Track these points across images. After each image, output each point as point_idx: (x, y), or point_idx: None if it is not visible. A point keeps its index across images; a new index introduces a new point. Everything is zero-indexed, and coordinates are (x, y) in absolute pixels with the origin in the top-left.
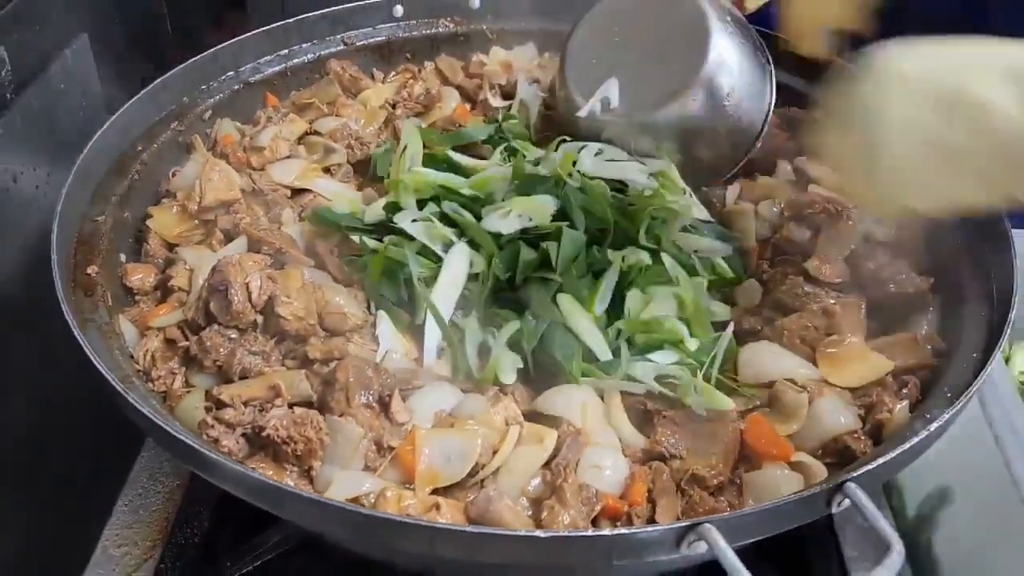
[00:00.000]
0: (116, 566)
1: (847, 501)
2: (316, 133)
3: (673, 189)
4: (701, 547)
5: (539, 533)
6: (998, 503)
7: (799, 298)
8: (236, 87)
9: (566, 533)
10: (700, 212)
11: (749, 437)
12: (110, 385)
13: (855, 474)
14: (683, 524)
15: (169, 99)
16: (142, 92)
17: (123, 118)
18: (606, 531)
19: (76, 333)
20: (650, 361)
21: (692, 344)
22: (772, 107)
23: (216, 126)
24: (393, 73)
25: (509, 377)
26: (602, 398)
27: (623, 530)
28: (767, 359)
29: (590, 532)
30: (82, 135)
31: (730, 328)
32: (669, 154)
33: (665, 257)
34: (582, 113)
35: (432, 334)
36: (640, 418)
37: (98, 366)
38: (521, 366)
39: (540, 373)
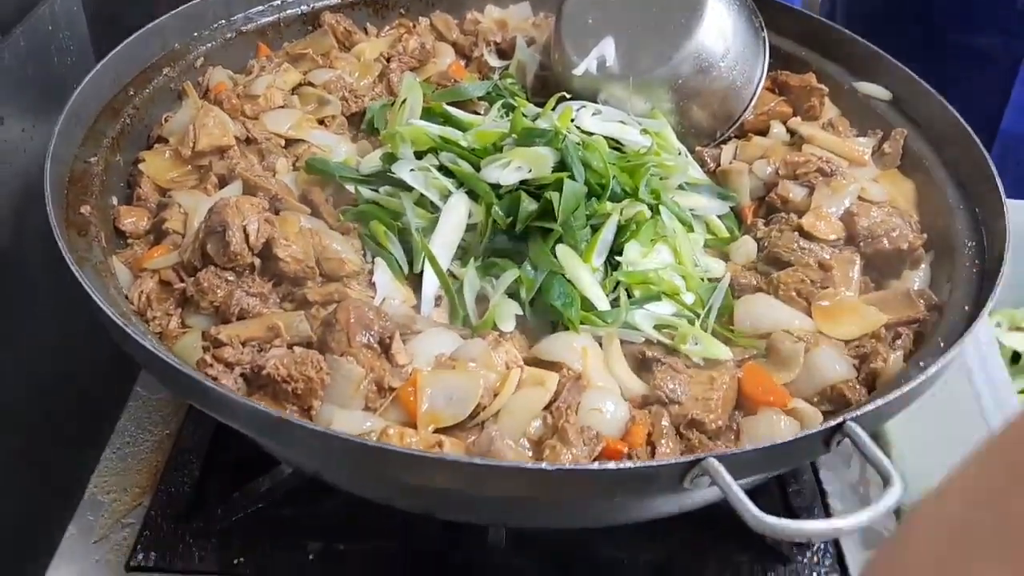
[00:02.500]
0: (105, 512)
1: (846, 440)
2: (310, 84)
3: (669, 149)
4: (704, 483)
5: (545, 465)
6: (964, 437)
7: (794, 253)
8: (229, 35)
9: (571, 466)
10: (695, 171)
11: (746, 385)
12: (109, 319)
13: (855, 414)
14: (688, 459)
15: (160, 45)
16: (133, 36)
17: (114, 61)
18: (611, 464)
19: (73, 269)
20: (648, 310)
21: (689, 298)
22: (766, 70)
23: (208, 74)
24: (387, 28)
25: (508, 325)
26: (601, 346)
27: (629, 464)
28: (763, 311)
29: (595, 465)
30: (70, 79)
31: (726, 279)
32: (664, 115)
33: (663, 211)
34: (578, 71)
35: (430, 282)
36: (639, 365)
37: (96, 300)
38: (520, 313)
39: (538, 322)
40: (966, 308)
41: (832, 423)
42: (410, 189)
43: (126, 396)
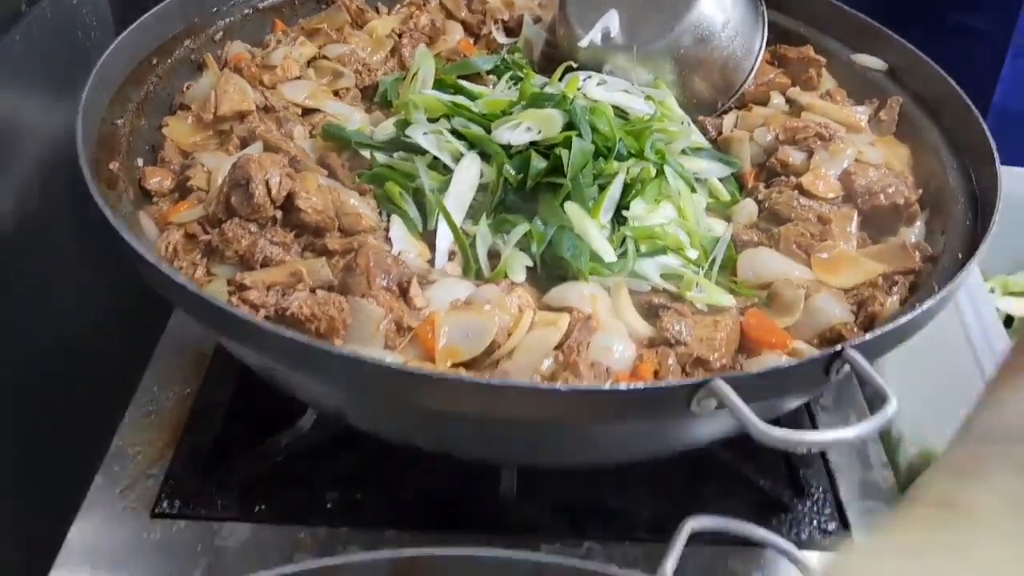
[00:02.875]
0: (130, 464)
1: (846, 367)
2: (325, 58)
3: (672, 117)
4: (711, 405)
5: (559, 385)
6: (961, 395)
7: (794, 209)
8: (246, 11)
9: (583, 386)
10: (698, 137)
11: (748, 328)
12: (143, 259)
13: (854, 342)
14: (695, 380)
15: (181, 18)
16: (156, 8)
17: (138, 31)
18: (622, 385)
19: (107, 213)
20: (655, 260)
21: (693, 253)
22: (765, 41)
23: (227, 47)
24: (398, 7)
25: (519, 276)
26: (609, 294)
27: (639, 384)
28: (765, 262)
29: (607, 386)
30: (93, 54)
31: (729, 231)
32: (667, 86)
33: (667, 171)
34: (583, 43)
35: (444, 237)
36: (646, 312)
37: (130, 242)
38: (530, 265)
39: (548, 275)
40: (959, 256)
41: (833, 349)
42: (423, 153)
43: (148, 357)
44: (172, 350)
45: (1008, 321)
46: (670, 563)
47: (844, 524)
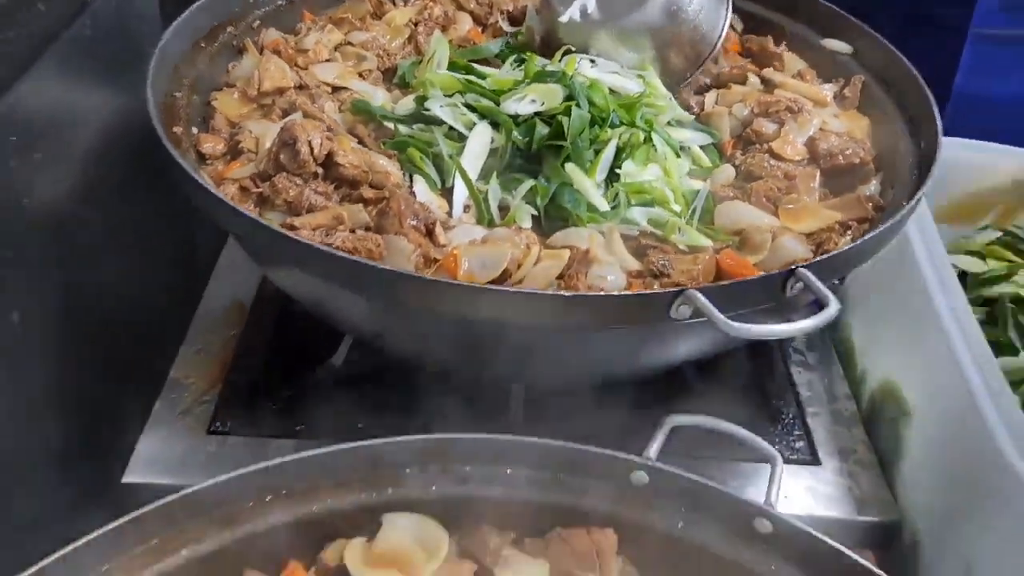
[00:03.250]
0: (186, 392)
1: (800, 284)
2: (350, 44)
3: (658, 94)
4: (687, 311)
5: (564, 292)
6: (919, 333)
7: (765, 169)
8: (280, 3)
9: (579, 293)
10: (682, 113)
11: (723, 263)
12: (213, 196)
13: (805, 263)
14: (675, 290)
15: (223, 9)
16: (200, 1)
17: (187, 20)
18: (613, 292)
19: (180, 160)
20: (643, 209)
21: (677, 207)
22: (729, 12)
23: (263, 34)
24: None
25: (526, 223)
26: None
27: (626, 292)
28: (738, 212)
29: (602, 293)
30: (145, 44)
31: (707, 187)
32: (648, 62)
33: (655, 137)
34: (564, 19)
35: (460, 192)
36: (635, 252)
37: (200, 180)
38: (535, 214)
39: (551, 223)
40: (904, 203)
41: (789, 268)
42: (440, 124)
43: (196, 303)
44: (216, 301)
45: (963, 276)
46: (654, 448)
47: (811, 447)
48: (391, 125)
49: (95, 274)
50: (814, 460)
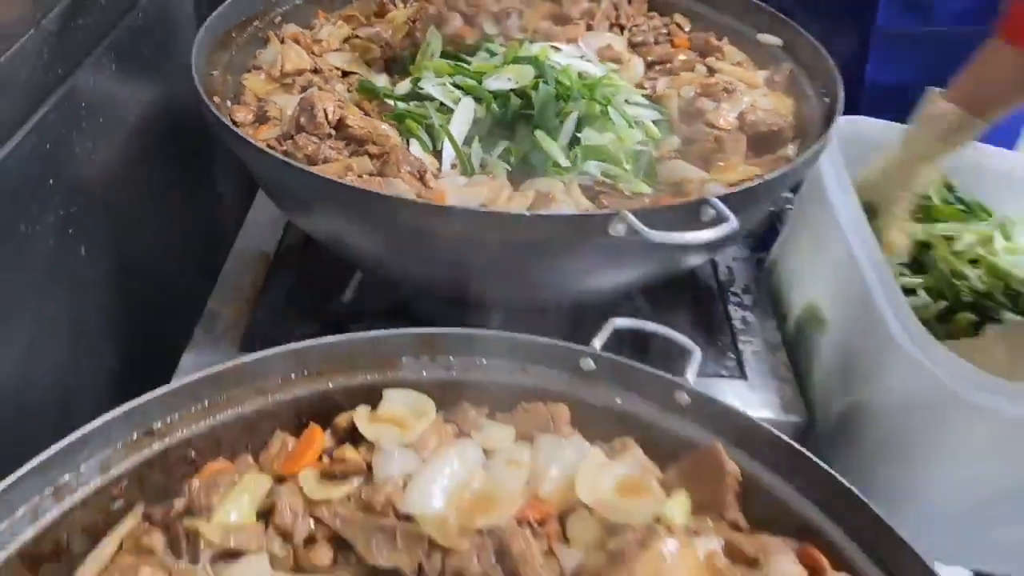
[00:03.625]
0: (221, 320)
1: (712, 211)
2: (357, 37)
3: (617, 79)
4: (622, 228)
5: (525, 212)
6: (831, 257)
7: (702, 135)
8: (298, 2)
9: (542, 212)
10: (637, 95)
11: (661, 204)
12: (249, 144)
13: (716, 195)
14: (610, 211)
15: (249, 7)
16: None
17: (220, 15)
18: (562, 211)
19: (221, 117)
20: (598, 163)
21: (628, 166)
22: None
23: (283, 28)
24: (412, 1)
25: (501, 175)
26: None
27: (571, 211)
28: (676, 168)
29: (550, 212)
30: (179, 31)
31: (651, 148)
32: None
33: (611, 110)
34: None
35: (448, 152)
36: (589, 196)
37: (239, 133)
38: (509, 169)
39: (521, 176)
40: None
41: (702, 198)
42: (432, 100)
43: (228, 251)
44: (245, 251)
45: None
46: (598, 342)
47: (740, 366)
48: (391, 103)
49: (145, 224)
50: (742, 376)
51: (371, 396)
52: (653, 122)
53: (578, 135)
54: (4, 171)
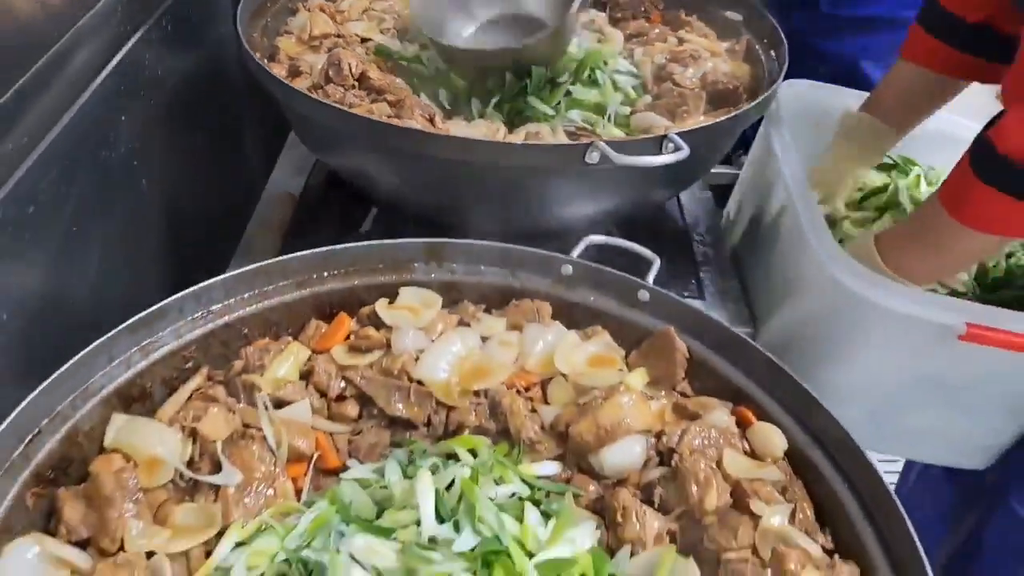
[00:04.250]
0: (257, 246)
1: (671, 145)
2: (373, 9)
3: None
4: (596, 156)
5: (516, 141)
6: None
7: (668, 92)
8: None
9: (528, 142)
10: (622, 63)
11: None
12: (287, 87)
13: (676, 132)
14: (587, 141)
15: None
16: None
17: None
18: (547, 141)
19: (264, 65)
20: (580, 112)
21: (608, 115)
22: None
23: (310, 0)
24: None
25: (497, 121)
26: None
27: (552, 141)
28: (646, 119)
29: (536, 142)
30: (218, 9)
31: (619, 100)
32: None
33: (598, 73)
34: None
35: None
36: (570, 137)
37: (277, 76)
38: (504, 121)
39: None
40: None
41: (663, 134)
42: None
43: (261, 191)
44: (275, 191)
45: None
46: (575, 253)
47: (700, 289)
48: (403, 64)
49: (190, 165)
50: (701, 296)
51: (389, 293)
52: (632, 88)
53: (570, 89)
54: (92, 104)
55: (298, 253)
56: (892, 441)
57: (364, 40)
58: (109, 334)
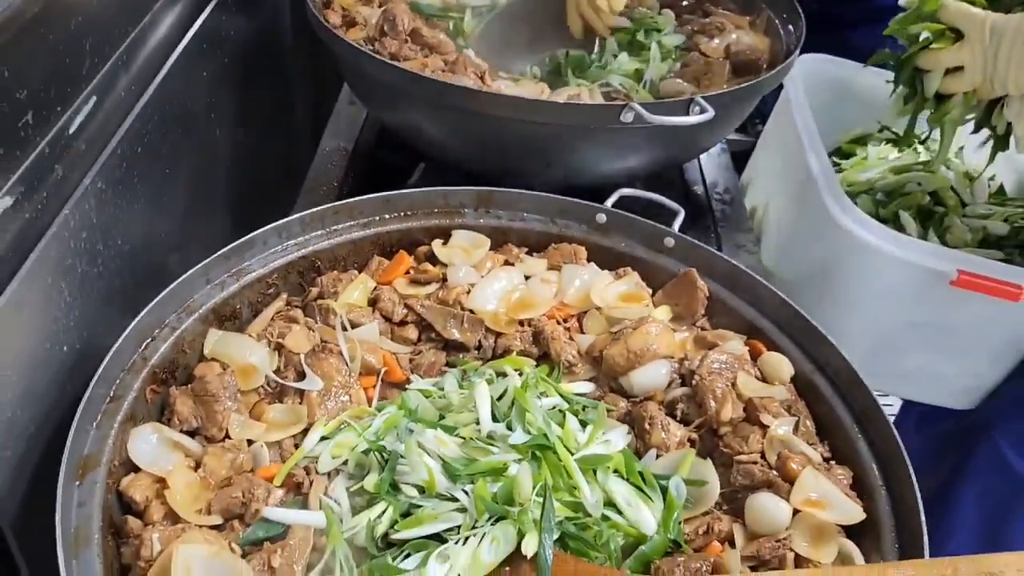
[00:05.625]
0: (317, 193)
1: (697, 108)
2: None
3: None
4: (631, 116)
5: (561, 100)
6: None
7: (694, 62)
8: None
9: (566, 101)
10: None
11: None
12: (344, 43)
13: (702, 95)
14: (621, 102)
15: None
16: None
17: None
18: (583, 101)
19: (326, 24)
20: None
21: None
22: None
23: None
24: None
25: (541, 83)
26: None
27: (589, 101)
28: (674, 85)
29: (577, 101)
30: None
31: (655, 71)
32: None
33: (653, 45)
34: None
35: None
36: (606, 98)
37: (336, 32)
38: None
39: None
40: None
41: (688, 97)
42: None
43: (317, 145)
44: (330, 146)
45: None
46: (609, 203)
47: (718, 242)
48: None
49: (258, 119)
50: (719, 248)
51: (441, 234)
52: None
53: (615, 54)
54: (181, 61)
55: (363, 196)
56: (884, 380)
57: None
58: (206, 260)
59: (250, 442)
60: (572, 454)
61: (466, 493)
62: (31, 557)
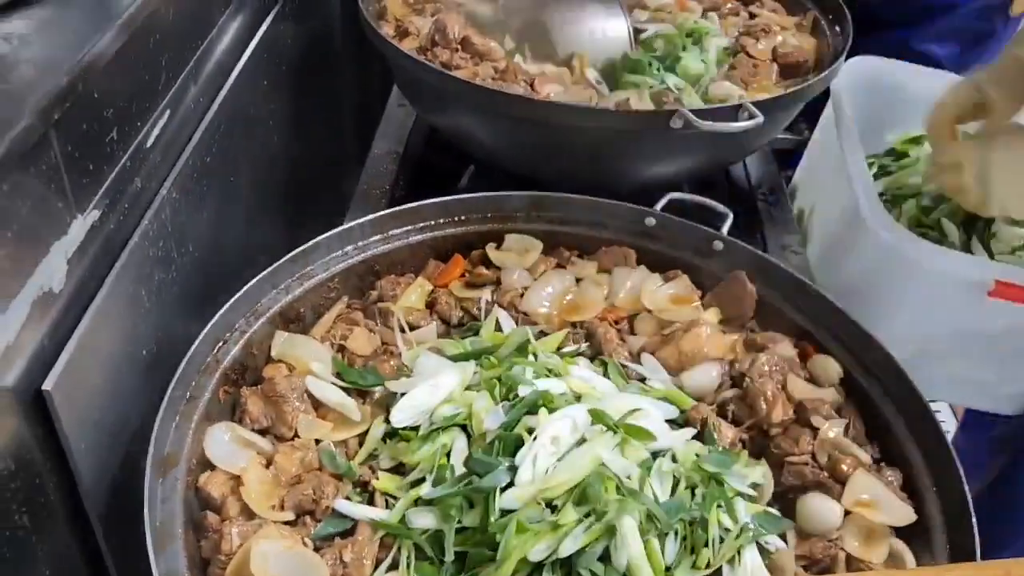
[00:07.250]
0: (370, 194)
1: (746, 113)
2: None
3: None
4: (680, 122)
5: (612, 107)
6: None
7: (742, 63)
8: None
9: (617, 108)
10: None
11: None
12: (395, 48)
13: (754, 100)
14: (671, 108)
15: None
16: None
17: None
18: (635, 106)
19: (379, 29)
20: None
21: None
22: None
23: None
24: None
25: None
26: None
27: (639, 106)
28: (722, 88)
29: (630, 109)
30: None
31: (709, 75)
32: None
33: (709, 48)
34: None
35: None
36: (656, 102)
37: (387, 38)
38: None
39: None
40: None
41: (739, 102)
42: None
43: (368, 148)
44: (381, 149)
45: None
46: (658, 207)
47: (764, 242)
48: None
49: (312, 125)
50: (765, 250)
51: (495, 238)
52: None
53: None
54: (245, 71)
55: (420, 202)
56: (927, 386)
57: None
58: (272, 266)
59: (317, 441)
60: None
61: None
62: (115, 550)
